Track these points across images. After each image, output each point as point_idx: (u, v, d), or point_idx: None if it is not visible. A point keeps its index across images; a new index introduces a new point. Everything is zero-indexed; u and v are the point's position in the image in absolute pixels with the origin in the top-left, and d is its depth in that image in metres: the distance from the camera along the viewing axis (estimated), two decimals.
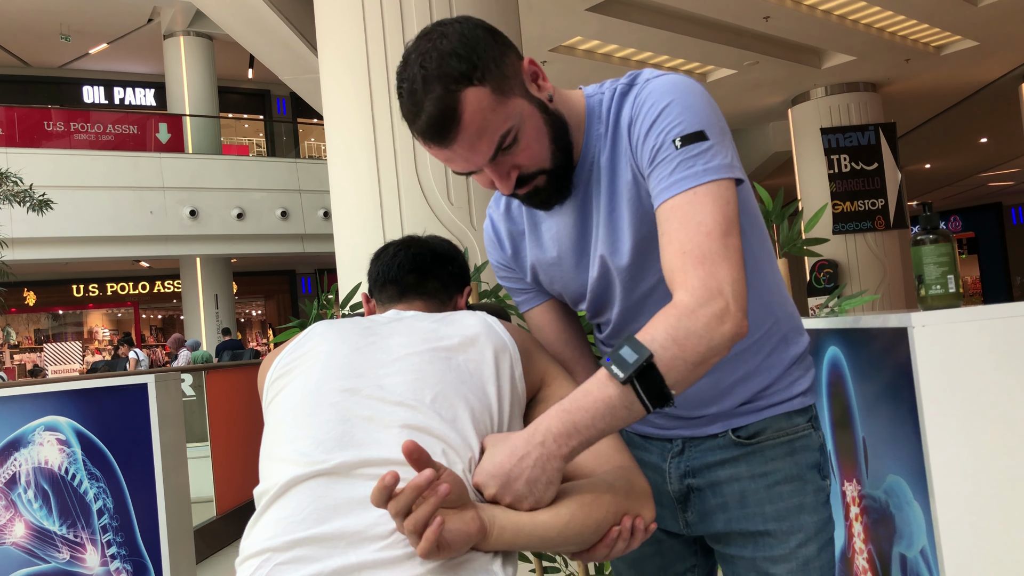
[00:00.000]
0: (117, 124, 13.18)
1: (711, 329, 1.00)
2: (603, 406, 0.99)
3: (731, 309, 1.01)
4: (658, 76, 1.15)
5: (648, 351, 0.98)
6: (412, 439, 0.94)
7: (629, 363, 0.98)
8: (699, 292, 1.01)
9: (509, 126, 1.08)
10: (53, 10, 13.03)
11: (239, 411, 5.64)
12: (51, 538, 2.87)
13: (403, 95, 1.08)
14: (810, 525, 1.23)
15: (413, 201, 3.79)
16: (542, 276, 1.30)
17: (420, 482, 0.89)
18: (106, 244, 11.93)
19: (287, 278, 18.84)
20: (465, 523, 0.94)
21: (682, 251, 1.04)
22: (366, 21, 3.84)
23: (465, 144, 1.07)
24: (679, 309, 1.01)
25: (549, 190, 1.16)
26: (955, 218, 19.71)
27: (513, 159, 1.11)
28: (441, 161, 1.11)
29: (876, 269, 9.75)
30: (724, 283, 1.02)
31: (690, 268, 1.03)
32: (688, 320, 1.00)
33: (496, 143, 1.08)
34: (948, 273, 1.50)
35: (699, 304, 1.01)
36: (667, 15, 7.39)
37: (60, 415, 2.90)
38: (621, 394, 0.99)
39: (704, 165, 1.07)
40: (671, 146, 1.08)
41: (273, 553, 0.96)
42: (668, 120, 1.09)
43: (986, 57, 9.08)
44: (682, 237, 1.05)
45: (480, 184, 1.16)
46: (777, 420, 1.25)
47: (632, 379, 0.98)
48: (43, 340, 17.03)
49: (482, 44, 1.07)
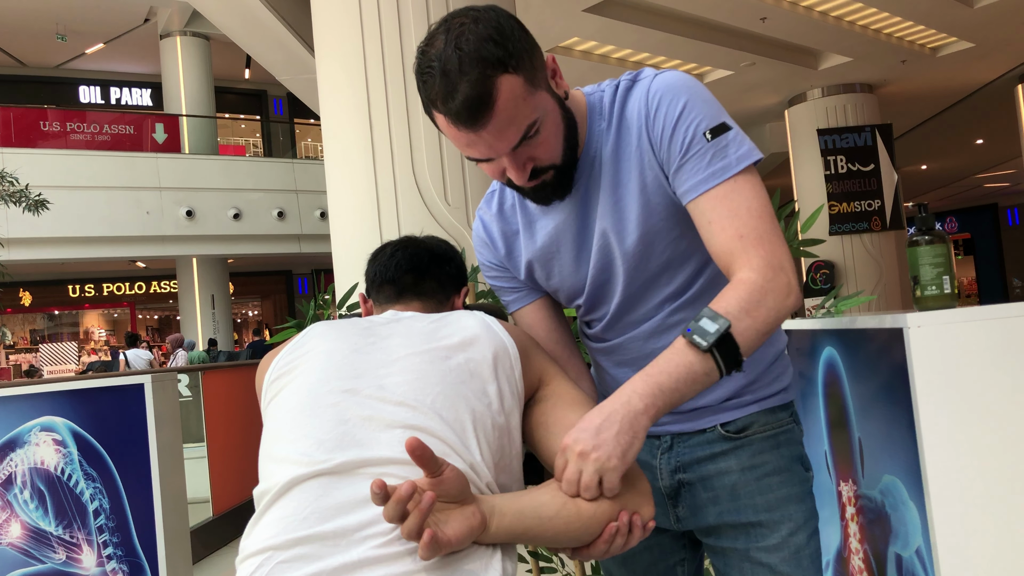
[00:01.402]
0: (113, 124, 13.15)
1: (779, 301, 1.09)
2: (685, 371, 1.05)
3: (792, 283, 1.11)
4: (663, 73, 1.19)
5: (727, 320, 1.05)
6: (401, 444, 0.94)
7: (710, 332, 1.05)
8: (764, 270, 1.10)
9: (535, 117, 1.10)
10: (49, 10, 13.01)
11: (236, 411, 5.63)
12: (47, 539, 2.87)
13: (433, 74, 1.06)
14: (798, 515, 1.27)
15: (410, 201, 3.79)
16: (538, 272, 1.31)
17: (402, 494, 0.90)
18: (102, 244, 11.91)
19: (284, 278, 18.82)
20: (467, 518, 0.95)
21: (739, 235, 1.11)
22: (363, 21, 3.84)
23: (494, 130, 1.07)
24: (749, 285, 1.09)
25: (554, 185, 1.18)
26: (951, 219, 19.75)
27: (531, 151, 1.13)
28: (459, 146, 1.11)
29: (872, 270, 9.77)
30: (784, 260, 1.12)
31: (751, 248, 1.11)
32: (759, 294, 1.08)
33: (522, 133, 1.09)
34: (944, 274, 1.50)
35: (766, 280, 1.09)
36: (664, 16, 7.40)
37: (56, 415, 2.89)
38: (701, 360, 1.05)
39: (736, 154, 1.13)
40: (702, 139, 1.13)
41: (274, 551, 0.96)
42: (692, 115, 1.14)
43: (982, 59, 9.10)
44: (736, 223, 1.12)
45: (488, 173, 1.17)
46: (763, 415, 1.29)
47: (713, 348, 1.05)
48: (39, 340, 17.00)
49: (516, 34, 1.08)
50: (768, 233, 1.11)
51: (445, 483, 0.94)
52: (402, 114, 3.80)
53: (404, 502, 0.90)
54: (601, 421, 1.02)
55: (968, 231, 19.60)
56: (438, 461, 0.94)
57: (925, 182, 16.45)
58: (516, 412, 1.15)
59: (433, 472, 0.94)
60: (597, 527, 1.04)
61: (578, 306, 1.33)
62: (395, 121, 3.79)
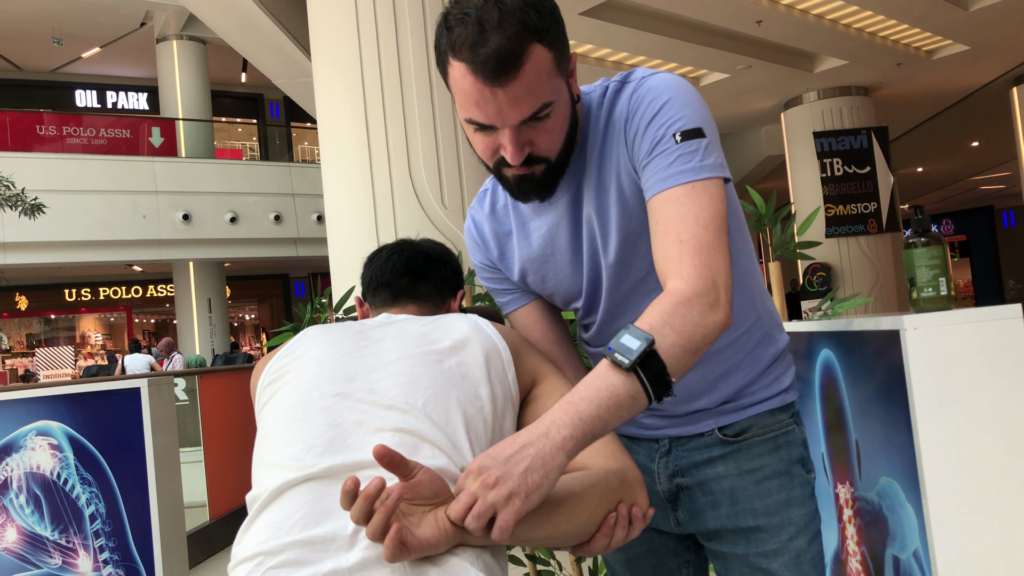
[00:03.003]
0: (110, 128, 13.14)
1: (705, 317, 1.02)
2: (607, 395, 0.97)
3: (721, 300, 1.04)
4: (654, 74, 1.17)
5: (650, 336, 0.98)
6: (394, 445, 0.94)
7: (632, 349, 0.98)
8: (694, 280, 1.03)
9: (551, 100, 1.08)
10: (45, 14, 13.00)
11: (233, 415, 5.62)
12: (43, 543, 2.86)
13: (466, 21, 1.03)
14: (799, 518, 1.25)
15: (407, 204, 3.78)
16: (532, 276, 1.30)
17: (370, 491, 0.89)
18: (99, 248, 11.89)
19: (280, 282, 18.80)
20: (441, 520, 0.94)
21: (679, 240, 1.06)
22: (359, 25, 3.84)
23: (512, 94, 1.04)
24: (674, 296, 1.03)
25: (540, 181, 1.15)
26: (947, 221, 19.79)
27: (534, 135, 1.10)
28: (467, 103, 1.07)
29: (869, 272, 9.79)
30: (717, 274, 1.04)
31: (686, 257, 1.05)
32: (684, 307, 1.02)
33: (535, 109, 1.07)
34: (940, 276, 1.50)
35: (694, 292, 1.03)
36: (661, 19, 7.41)
37: (52, 420, 2.89)
38: (625, 382, 0.98)
39: (700, 162, 1.09)
40: (671, 140, 1.10)
41: (265, 557, 0.96)
42: (669, 115, 1.11)
43: (977, 61, 9.12)
44: (679, 227, 1.07)
45: (478, 148, 1.13)
46: (762, 417, 1.27)
47: (636, 367, 0.97)
48: (35, 344, 16.95)
49: (556, 13, 1.08)
50: (708, 245, 1.05)
51: (419, 485, 0.93)
52: (399, 117, 3.80)
53: (371, 500, 0.89)
54: (513, 452, 0.93)
55: (964, 233, 19.63)
56: (409, 464, 0.93)
57: (921, 185, 16.48)
58: (509, 415, 1.15)
59: (405, 475, 0.93)
60: (593, 524, 1.03)
61: (576, 309, 1.32)
62: (392, 124, 3.79)
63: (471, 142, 1.15)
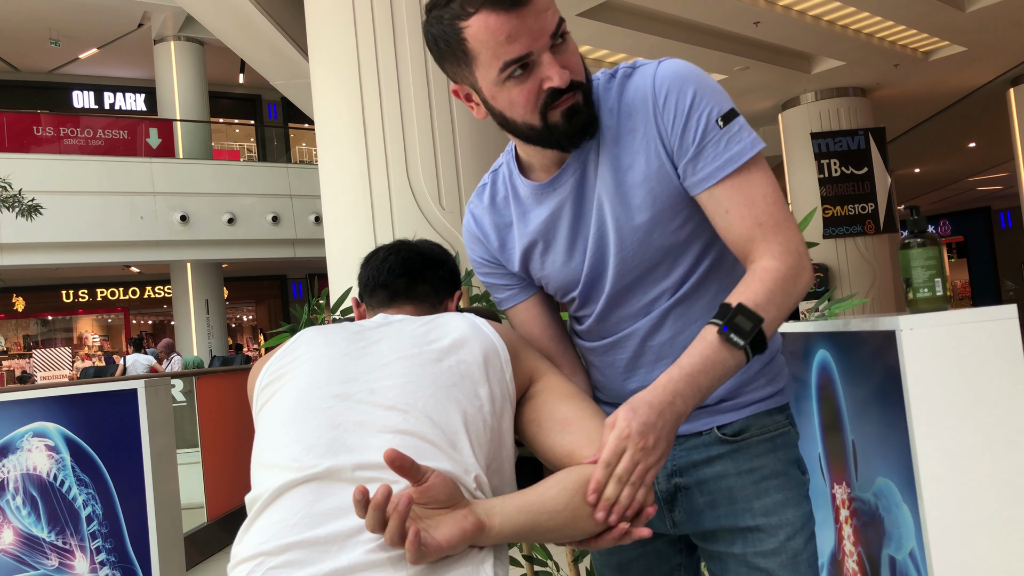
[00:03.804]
0: (107, 129, 13.13)
1: (798, 287, 1.14)
2: (721, 369, 1.09)
3: (805, 264, 1.15)
4: (666, 60, 1.21)
5: (761, 317, 1.09)
6: (395, 446, 0.94)
7: (746, 331, 1.08)
8: (784, 256, 1.13)
9: (561, 16, 1.13)
10: (43, 15, 12.99)
11: (230, 417, 5.62)
12: (40, 545, 2.85)
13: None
14: (796, 519, 1.26)
15: (404, 205, 3.79)
16: (534, 263, 1.30)
17: (379, 500, 0.89)
18: (96, 249, 11.87)
19: (278, 283, 18.79)
20: (458, 521, 0.95)
21: (758, 222, 1.15)
22: (357, 26, 3.84)
23: (534, 9, 1.09)
24: (772, 273, 1.12)
25: (587, 111, 1.17)
26: (944, 222, 19.82)
27: (564, 59, 1.14)
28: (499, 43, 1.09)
29: (866, 273, 9.79)
30: (800, 245, 1.16)
31: (770, 235, 1.14)
32: (784, 283, 1.12)
33: (557, 20, 1.11)
34: (936, 276, 1.50)
35: (788, 267, 1.13)
36: (658, 20, 7.42)
37: (49, 421, 2.88)
38: (735, 357, 1.09)
39: (748, 138, 1.17)
40: (715, 127, 1.16)
41: (266, 557, 0.96)
42: (704, 103, 1.16)
43: (974, 62, 9.13)
44: (755, 211, 1.15)
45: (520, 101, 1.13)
46: (759, 418, 1.28)
47: (747, 344, 1.08)
48: (32, 346, 16.94)
49: None
50: (784, 220, 1.15)
51: (432, 489, 0.94)
52: (396, 118, 3.80)
53: (381, 508, 0.90)
54: (656, 417, 1.03)
55: (961, 234, 19.67)
56: (420, 468, 0.93)
57: (918, 185, 16.51)
58: (507, 414, 1.15)
59: (417, 480, 0.93)
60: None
61: (572, 299, 1.31)
62: (389, 125, 3.79)
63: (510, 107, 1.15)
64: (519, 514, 0.99)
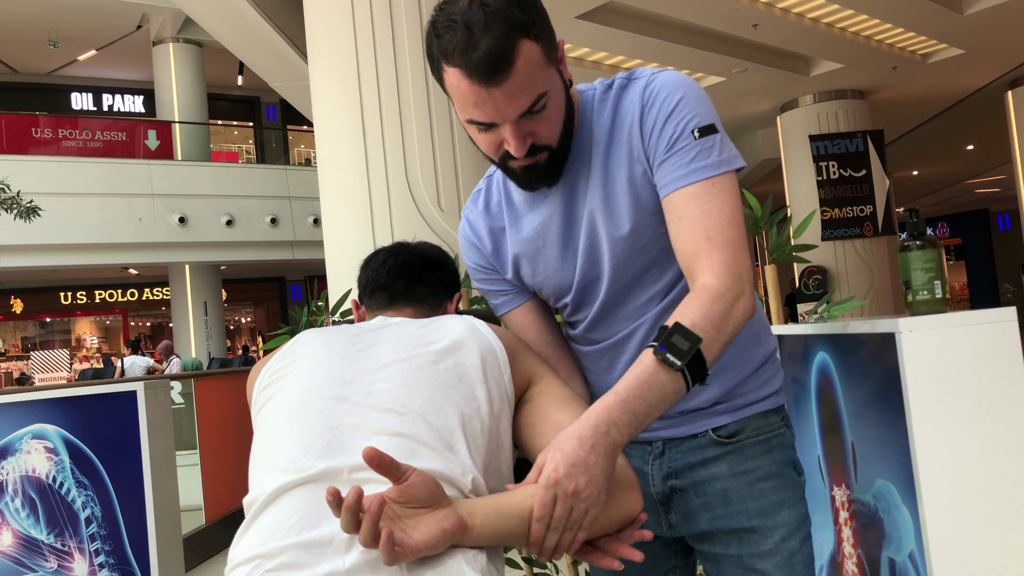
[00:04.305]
0: (106, 131, 13.12)
1: (737, 310, 1.09)
2: (657, 393, 1.04)
3: (747, 291, 1.11)
4: (663, 71, 1.21)
5: (699, 337, 1.05)
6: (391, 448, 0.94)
7: (684, 351, 1.04)
8: (725, 275, 1.10)
9: (545, 90, 1.11)
10: (42, 16, 12.98)
11: (229, 418, 5.61)
12: (38, 547, 2.85)
13: (454, 27, 1.06)
14: (792, 520, 1.27)
15: (403, 207, 3.79)
16: (525, 269, 1.31)
17: (350, 502, 0.89)
18: (94, 251, 11.86)
19: (277, 285, 18.77)
20: (437, 521, 0.94)
21: (707, 236, 1.12)
22: (356, 28, 3.84)
23: (507, 91, 1.08)
24: (711, 292, 1.09)
25: (546, 168, 1.18)
26: (943, 224, 19.84)
27: (534, 126, 1.13)
28: (465, 105, 1.10)
29: (865, 275, 9.80)
30: (744, 268, 1.12)
31: (716, 252, 1.11)
32: (720, 303, 1.08)
33: (532, 101, 1.10)
34: (935, 279, 1.51)
35: (727, 287, 1.09)
36: (657, 23, 7.42)
37: (48, 423, 2.88)
38: (673, 380, 1.05)
39: (718, 156, 1.14)
40: (690, 136, 1.14)
41: (263, 560, 0.96)
42: (685, 112, 1.15)
43: (972, 65, 9.15)
44: (705, 223, 1.12)
45: (483, 147, 1.16)
46: (754, 419, 1.29)
47: (684, 366, 1.04)
48: (30, 348, 16.92)
49: (539, 7, 1.11)
50: (734, 241, 1.12)
51: (412, 488, 0.94)
52: (395, 119, 3.80)
53: (354, 510, 0.89)
54: (586, 454, 0.98)
55: (959, 236, 19.68)
56: (401, 467, 0.93)
57: (917, 188, 16.52)
58: (505, 415, 1.15)
59: (397, 478, 0.93)
60: (599, 527, 1.04)
61: (565, 305, 1.32)
62: (388, 127, 3.80)
63: (474, 140, 1.18)
64: (497, 517, 0.99)
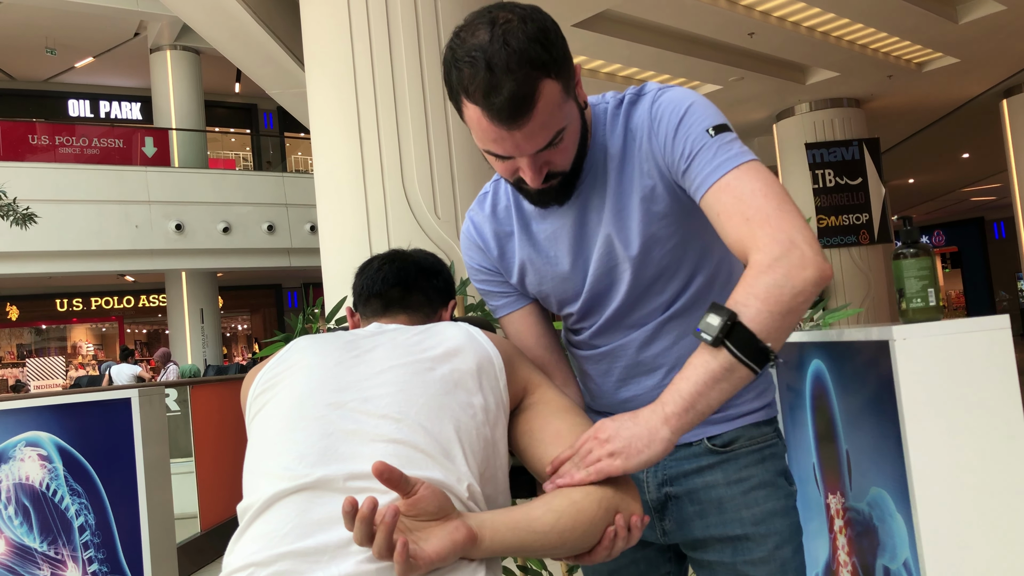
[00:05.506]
0: (103, 138, 13.11)
1: (791, 277, 1.03)
2: (702, 371, 1.04)
3: (807, 254, 1.04)
4: (669, 88, 1.21)
5: (730, 311, 1.03)
6: (387, 455, 0.93)
7: (714, 326, 1.03)
8: (770, 247, 1.05)
9: (564, 125, 1.11)
10: (39, 23, 12.99)
11: (224, 426, 5.60)
12: (32, 555, 2.84)
13: (475, 65, 1.04)
14: (785, 528, 1.27)
15: (400, 215, 3.79)
16: (530, 276, 1.31)
17: (364, 514, 0.88)
18: (91, 258, 11.84)
19: (273, 292, 18.76)
20: (449, 533, 0.94)
21: (745, 219, 1.08)
22: (353, 36, 3.85)
23: (527, 132, 1.07)
24: (755, 268, 1.05)
25: (558, 190, 1.19)
26: (938, 232, 19.89)
27: (550, 156, 1.13)
28: (484, 140, 1.10)
29: (860, 283, 9.82)
30: (794, 232, 1.05)
31: (757, 229, 1.07)
32: (765, 275, 1.04)
33: (550, 139, 1.10)
34: (928, 287, 1.51)
35: (773, 258, 1.04)
36: (653, 31, 7.45)
37: (42, 430, 2.87)
38: (716, 356, 1.03)
39: (740, 148, 1.13)
40: (706, 136, 1.13)
41: (256, 568, 0.95)
42: (695, 116, 1.15)
43: (967, 74, 9.19)
44: (742, 207, 1.08)
45: (498, 170, 1.17)
46: (748, 429, 1.30)
47: (722, 340, 1.02)
48: (25, 355, 16.86)
49: (560, 41, 1.09)
50: (775, 210, 1.07)
51: (421, 501, 0.93)
52: (392, 127, 3.80)
53: (368, 521, 0.88)
54: (628, 420, 1.07)
55: (955, 244, 19.74)
56: (409, 480, 0.92)
57: (912, 196, 16.57)
58: (501, 423, 1.15)
59: (406, 492, 0.93)
60: (594, 535, 1.04)
61: (569, 314, 1.33)
62: (385, 134, 3.80)
63: (489, 162, 1.18)
64: (508, 531, 0.99)
